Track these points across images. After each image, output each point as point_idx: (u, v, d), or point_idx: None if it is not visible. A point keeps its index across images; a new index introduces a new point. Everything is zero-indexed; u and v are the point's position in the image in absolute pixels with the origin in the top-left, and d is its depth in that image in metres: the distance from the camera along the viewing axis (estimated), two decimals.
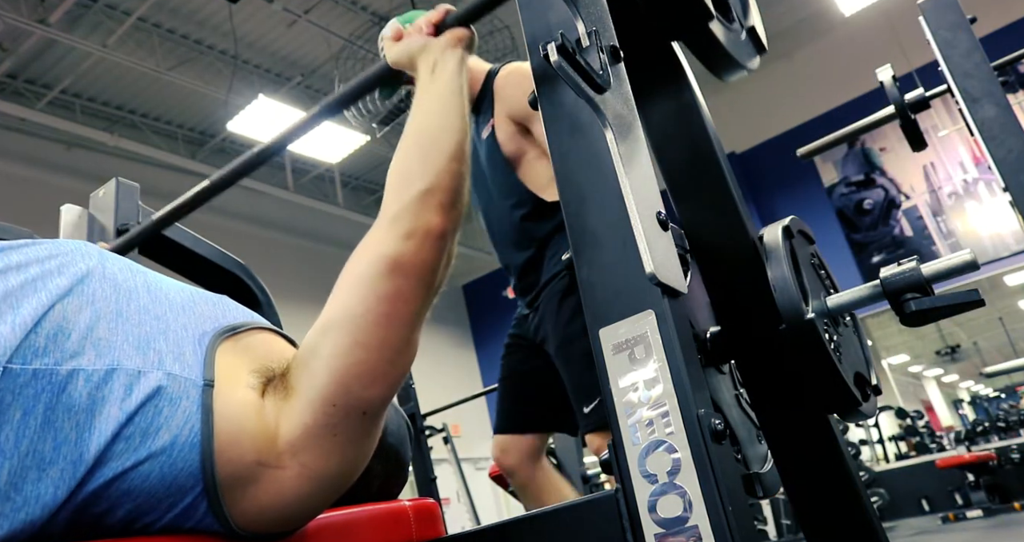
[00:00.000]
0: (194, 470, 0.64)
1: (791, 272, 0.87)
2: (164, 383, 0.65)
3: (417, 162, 0.79)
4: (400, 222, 0.74)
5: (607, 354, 0.69)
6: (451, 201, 0.76)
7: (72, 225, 1.33)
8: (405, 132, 0.84)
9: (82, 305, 0.66)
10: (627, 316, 0.68)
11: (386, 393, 0.72)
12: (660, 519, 0.61)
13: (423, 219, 0.74)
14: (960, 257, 0.81)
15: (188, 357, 0.69)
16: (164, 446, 0.63)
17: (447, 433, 5.12)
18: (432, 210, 0.74)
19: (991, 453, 6.61)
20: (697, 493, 0.60)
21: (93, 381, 0.62)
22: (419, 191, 0.75)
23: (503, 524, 0.78)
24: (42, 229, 1.59)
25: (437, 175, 0.77)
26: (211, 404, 0.66)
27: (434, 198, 0.75)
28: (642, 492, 0.63)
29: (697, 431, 0.61)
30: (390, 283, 0.71)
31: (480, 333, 11.80)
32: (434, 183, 0.76)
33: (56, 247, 0.72)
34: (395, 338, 0.71)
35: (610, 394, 0.67)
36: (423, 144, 0.81)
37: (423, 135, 0.82)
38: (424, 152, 0.80)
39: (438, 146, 0.80)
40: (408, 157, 0.80)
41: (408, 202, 0.75)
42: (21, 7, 6.01)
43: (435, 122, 0.83)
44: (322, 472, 0.69)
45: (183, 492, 0.64)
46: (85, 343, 0.64)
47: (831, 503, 0.90)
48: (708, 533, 0.58)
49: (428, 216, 0.74)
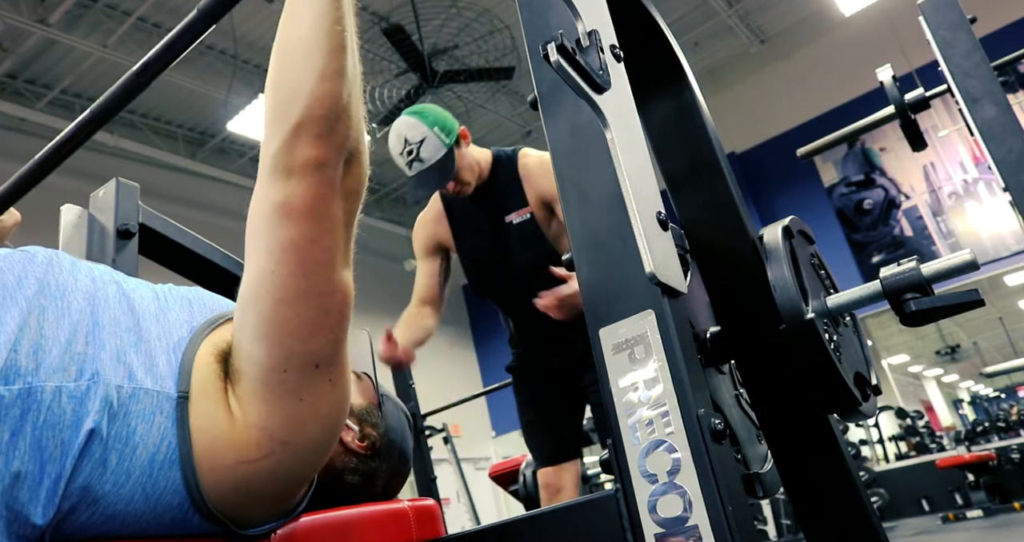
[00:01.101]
0: (177, 487, 0.63)
1: (791, 272, 0.87)
2: (137, 399, 0.63)
3: (284, 89, 0.69)
4: (277, 164, 0.68)
5: (607, 354, 0.69)
6: (328, 127, 0.68)
7: (72, 225, 1.33)
8: (274, 45, 0.73)
9: (59, 317, 0.64)
10: (627, 316, 0.68)
11: (330, 338, 0.69)
12: (660, 519, 0.61)
13: (300, 155, 0.67)
14: (960, 257, 0.81)
15: (162, 368, 0.67)
16: (143, 466, 0.62)
17: (447, 433, 5.12)
18: (307, 143, 0.67)
19: (991, 453, 6.61)
20: (697, 493, 0.60)
21: (76, 397, 0.60)
22: (290, 126, 0.67)
23: (503, 524, 0.78)
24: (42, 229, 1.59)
25: (307, 104, 0.67)
26: (186, 417, 0.64)
27: (307, 131, 0.67)
28: (642, 492, 0.63)
29: (697, 431, 0.61)
30: (288, 229, 0.67)
31: (480, 333, 11.79)
32: (305, 114, 0.67)
33: (20, 256, 0.70)
34: (317, 283, 0.67)
35: (610, 394, 0.67)
36: (287, 64, 0.71)
37: (286, 51, 0.71)
38: (289, 75, 0.70)
39: (306, 64, 0.69)
40: (273, 84, 0.71)
41: (280, 142, 0.68)
42: (21, 7, 6.01)
43: (300, 31, 0.71)
44: (305, 440, 0.67)
45: (171, 508, 0.63)
46: (66, 358, 0.62)
47: (831, 503, 0.90)
48: (708, 533, 0.58)
49: (304, 151, 0.67)
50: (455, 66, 7.14)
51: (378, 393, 0.98)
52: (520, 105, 9.01)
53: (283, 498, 0.70)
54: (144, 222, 1.36)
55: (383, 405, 0.97)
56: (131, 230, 1.33)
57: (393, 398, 1.02)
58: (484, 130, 9.58)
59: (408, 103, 6.93)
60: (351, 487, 0.90)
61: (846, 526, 0.89)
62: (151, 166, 7.68)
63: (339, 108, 0.69)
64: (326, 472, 0.84)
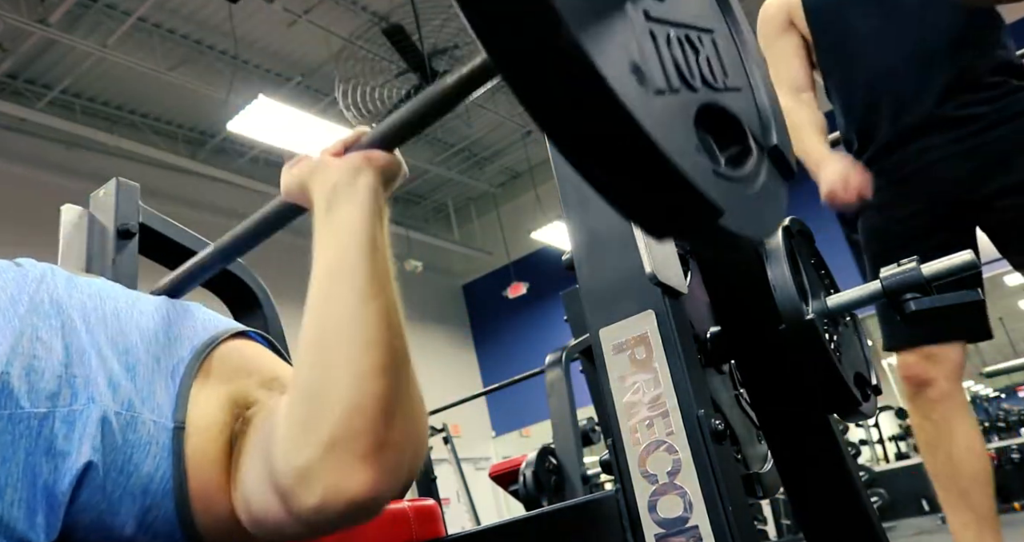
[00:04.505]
0: (170, 517, 0.61)
1: (791, 272, 0.87)
2: (133, 427, 0.61)
3: (318, 385, 0.55)
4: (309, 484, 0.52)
5: (607, 354, 0.69)
6: (378, 441, 0.52)
7: (72, 225, 1.33)
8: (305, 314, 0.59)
9: (52, 338, 0.62)
10: (627, 316, 0.68)
11: None
12: (660, 519, 0.61)
13: (336, 482, 0.51)
14: (960, 257, 0.81)
15: (159, 395, 0.64)
16: (137, 496, 0.60)
17: (447, 433, 5.12)
18: (348, 466, 0.51)
19: (991, 453, 6.60)
20: (697, 493, 0.60)
21: (70, 422, 0.58)
22: (323, 442, 0.52)
23: (503, 524, 0.78)
24: (42, 229, 1.59)
25: (347, 412, 0.52)
26: (182, 450, 0.62)
27: (348, 449, 0.51)
28: (642, 492, 0.63)
29: (697, 431, 0.61)
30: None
31: (480, 333, 11.79)
32: (345, 426, 0.52)
33: (15, 273, 0.67)
34: None
35: (610, 394, 0.67)
36: (324, 346, 0.56)
37: (323, 328, 0.58)
38: (325, 365, 0.55)
39: (346, 351, 0.55)
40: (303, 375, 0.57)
41: (311, 456, 0.52)
42: (21, 7, 6.01)
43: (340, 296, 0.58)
44: None
45: (160, 536, 0.62)
46: (60, 382, 0.59)
47: (831, 503, 0.90)
48: (708, 533, 0.58)
49: (343, 478, 0.51)
50: (455, 66, 7.13)
51: None
52: (520, 105, 9.00)
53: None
54: (144, 222, 1.36)
55: None
56: (131, 230, 1.33)
57: None
58: (484, 130, 9.59)
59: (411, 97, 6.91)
60: None
61: (846, 526, 0.89)
62: (151, 166, 7.68)
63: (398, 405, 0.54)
64: None
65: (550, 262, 9.63)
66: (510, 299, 10.28)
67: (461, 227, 11.30)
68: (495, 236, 10.95)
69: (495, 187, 11.11)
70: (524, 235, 10.00)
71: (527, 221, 10.09)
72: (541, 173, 10.10)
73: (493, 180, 11.02)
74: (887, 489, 7.36)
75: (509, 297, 10.23)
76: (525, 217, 10.40)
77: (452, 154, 10.07)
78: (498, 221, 10.90)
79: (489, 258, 11.27)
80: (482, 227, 11.24)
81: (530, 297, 10.08)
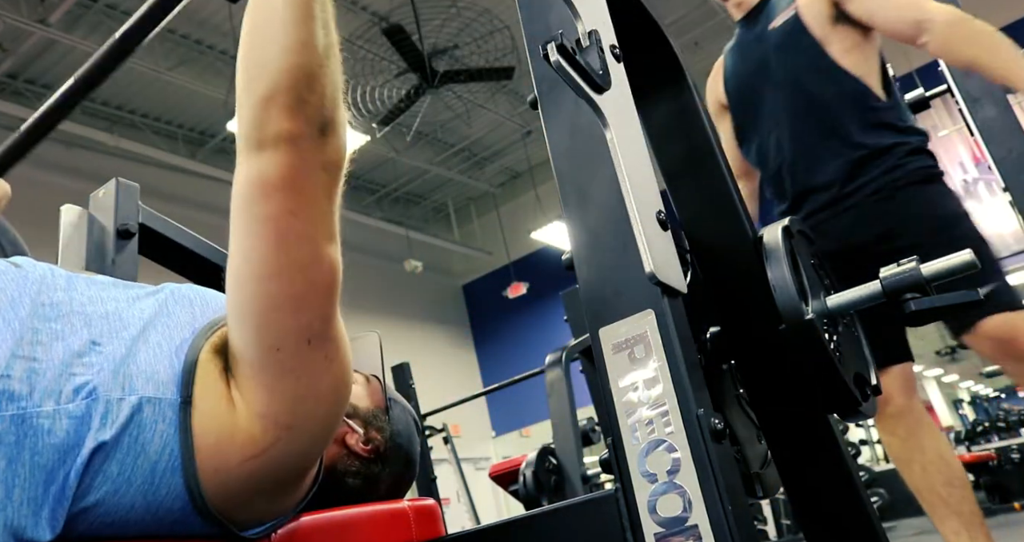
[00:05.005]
0: (179, 493, 0.62)
1: (791, 272, 0.87)
2: (139, 409, 0.62)
3: (251, 62, 0.69)
4: (249, 139, 0.67)
5: (607, 354, 0.69)
6: (297, 99, 0.67)
7: (72, 225, 1.33)
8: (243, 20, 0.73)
9: (52, 340, 0.63)
10: (627, 316, 0.68)
11: (320, 313, 0.68)
12: (660, 519, 0.61)
13: (270, 129, 0.66)
14: (960, 257, 0.81)
15: (163, 374, 0.65)
16: (144, 475, 0.61)
17: (447, 433, 5.12)
18: (276, 116, 0.66)
19: (991, 453, 6.61)
20: (697, 493, 0.60)
21: (75, 417, 0.60)
22: (257, 100, 0.67)
23: (503, 524, 0.78)
24: (42, 229, 1.59)
25: (273, 76, 0.67)
26: (189, 422, 0.63)
27: (275, 103, 0.66)
28: (642, 492, 0.63)
29: (697, 431, 0.61)
30: (265, 205, 0.66)
31: (480, 333, 11.80)
32: (271, 86, 0.66)
33: (14, 273, 0.68)
34: (300, 256, 0.66)
35: (610, 394, 0.67)
36: (254, 36, 0.70)
37: (254, 23, 0.71)
38: (255, 47, 0.70)
39: (270, 35, 0.69)
40: (243, 57, 0.70)
41: (250, 115, 0.67)
42: (21, 7, 6.01)
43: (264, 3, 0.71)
44: (307, 422, 0.67)
45: (171, 513, 0.63)
46: (61, 380, 0.61)
47: (831, 503, 0.90)
48: (708, 533, 0.58)
49: (274, 124, 0.66)
50: (455, 66, 7.14)
51: (386, 396, 0.97)
52: (520, 105, 9.01)
53: (288, 490, 0.70)
54: (144, 222, 1.36)
55: (391, 409, 0.96)
56: (131, 230, 1.33)
57: (402, 402, 1.01)
58: (484, 130, 9.59)
59: (408, 103, 6.93)
60: (353, 490, 0.90)
61: (846, 526, 0.89)
62: (151, 166, 7.68)
63: (309, 79, 0.68)
64: (328, 474, 0.84)
65: (550, 262, 9.64)
66: (510, 299, 10.29)
67: (461, 227, 11.30)
68: (495, 236, 10.96)
69: (495, 187, 11.12)
70: (524, 235, 10.01)
71: (527, 221, 10.09)
72: (541, 173, 10.10)
73: (493, 180, 11.02)
74: (887, 489, 7.35)
75: (509, 297, 10.24)
76: (525, 217, 10.40)
77: (452, 154, 10.07)
78: (498, 221, 10.91)
79: (489, 258, 11.28)
80: (482, 227, 11.25)
81: (530, 297, 10.08)
